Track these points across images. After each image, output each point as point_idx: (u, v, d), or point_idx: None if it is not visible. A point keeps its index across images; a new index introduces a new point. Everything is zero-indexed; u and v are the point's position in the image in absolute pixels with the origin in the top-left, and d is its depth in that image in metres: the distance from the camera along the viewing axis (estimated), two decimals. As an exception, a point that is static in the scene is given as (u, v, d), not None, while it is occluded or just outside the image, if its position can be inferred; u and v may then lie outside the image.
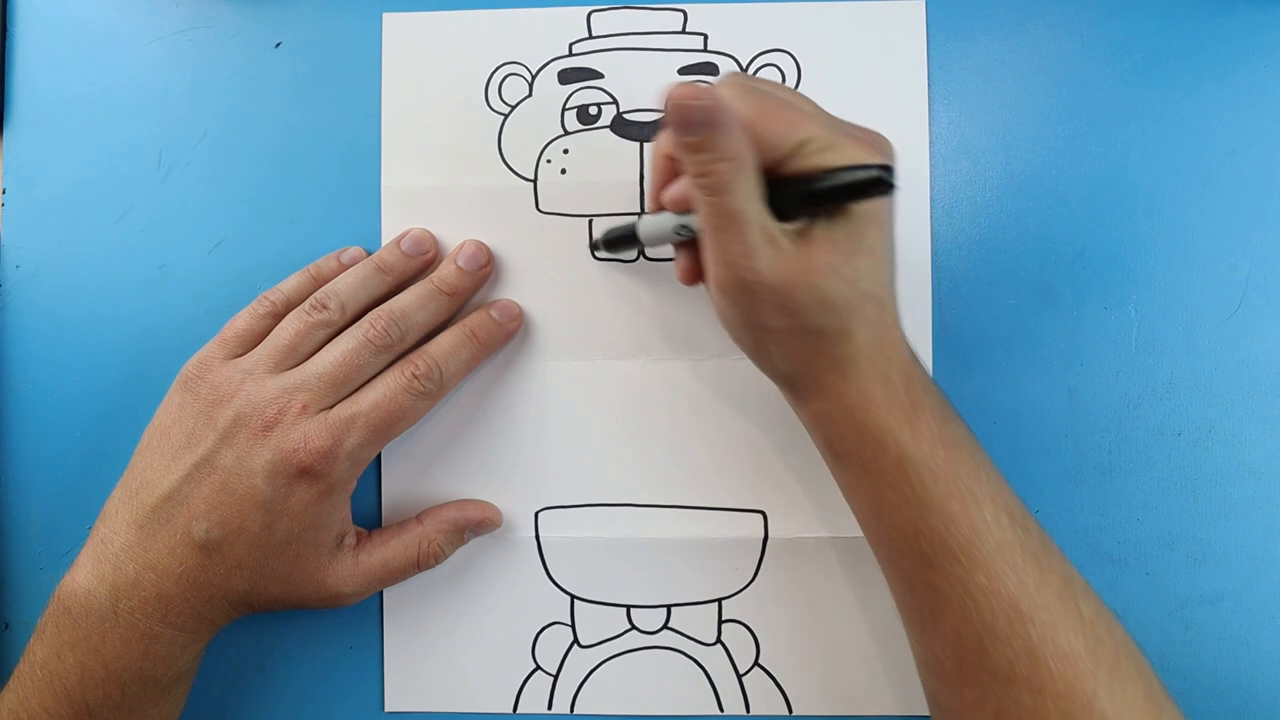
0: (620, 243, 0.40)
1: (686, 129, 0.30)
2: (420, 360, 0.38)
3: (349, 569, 0.38)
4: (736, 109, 0.31)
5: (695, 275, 0.37)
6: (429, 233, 0.41)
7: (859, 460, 0.34)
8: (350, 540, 0.39)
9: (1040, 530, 0.34)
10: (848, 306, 0.32)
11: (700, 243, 0.33)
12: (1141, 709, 0.31)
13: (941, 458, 0.33)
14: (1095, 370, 0.41)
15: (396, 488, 0.42)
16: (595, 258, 0.42)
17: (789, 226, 0.32)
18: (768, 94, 0.32)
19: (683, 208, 0.35)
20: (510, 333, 0.41)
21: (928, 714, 0.40)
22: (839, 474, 0.36)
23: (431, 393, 0.38)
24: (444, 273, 0.40)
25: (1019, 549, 0.32)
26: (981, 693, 0.32)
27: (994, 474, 0.34)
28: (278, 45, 0.43)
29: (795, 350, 0.33)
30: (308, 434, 0.36)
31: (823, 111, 0.33)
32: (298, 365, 0.37)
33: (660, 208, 0.36)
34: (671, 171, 0.36)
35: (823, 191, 0.30)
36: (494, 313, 0.41)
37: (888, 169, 0.29)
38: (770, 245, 0.31)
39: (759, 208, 0.31)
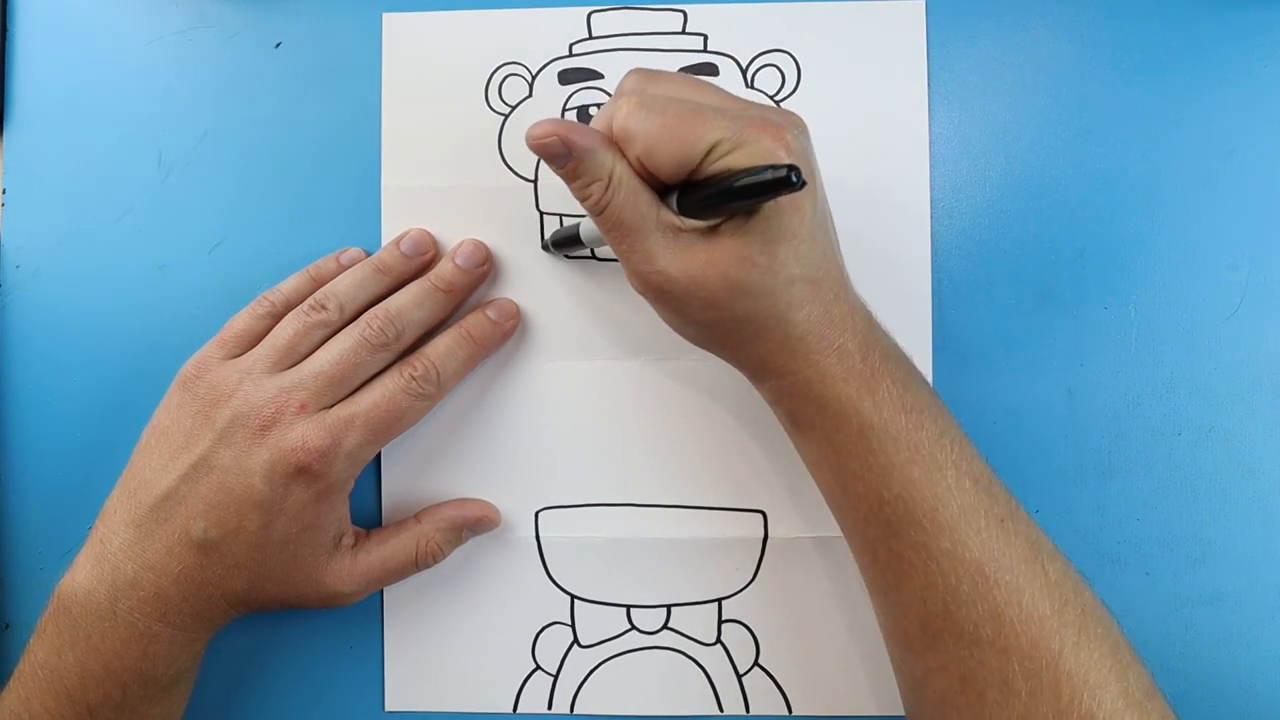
0: (566, 243, 0.40)
1: (551, 163, 0.33)
2: (418, 362, 0.38)
3: (347, 568, 0.38)
4: (635, 132, 0.31)
5: None
6: (428, 233, 0.41)
7: (821, 433, 0.34)
8: (348, 540, 0.39)
9: (1007, 494, 0.34)
10: (770, 291, 0.32)
11: None
12: (1108, 666, 0.31)
13: (903, 424, 0.33)
14: (1095, 370, 0.41)
15: (396, 487, 0.42)
16: (547, 251, 0.42)
17: (702, 224, 0.32)
18: (669, 104, 0.32)
19: None
20: (507, 332, 0.41)
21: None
22: (803, 449, 0.36)
23: (429, 394, 0.38)
24: (441, 271, 0.40)
25: (983, 513, 0.33)
26: (946, 657, 0.32)
27: (959, 438, 0.34)
28: (278, 45, 0.43)
29: (736, 339, 0.34)
30: (306, 434, 0.36)
31: (730, 100, 0.33)
32: (296, 365, 0.37)
33: None
34: None
35: (732, 193, 0.30)
36: (490, 312, 0.41)
37: (793, 169, 0.28)
38: (672, 245, 0.32)
39: (649, 213, 0.32)
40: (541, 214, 0.42)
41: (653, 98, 0.32)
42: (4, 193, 0.43)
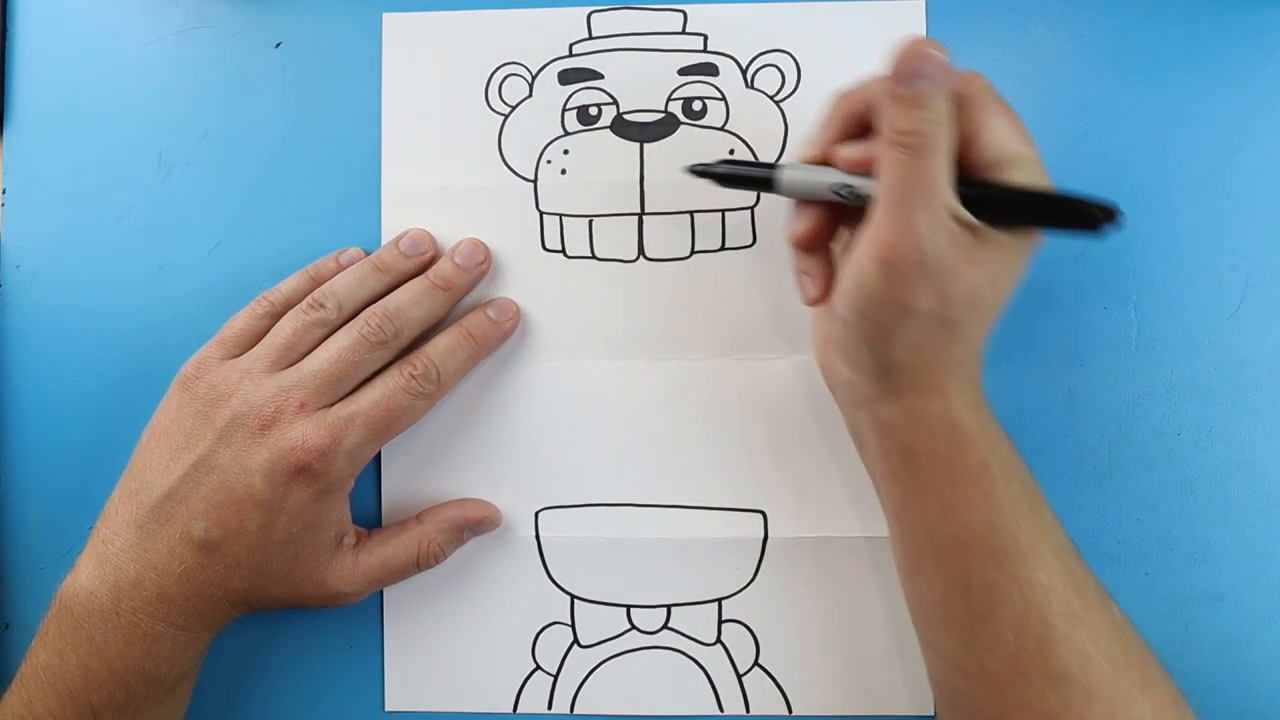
0: (744, 182, 0.37)
1: (910, 78, 0.31)
2: (418, 360, 0.38)
3: (348, 568, 0.38)
4: (989, 102, 0.32)
5: (815, 241, 0.36)
6: (428, 233, 0.41)
7: (940, 459, 0.34)
8: (350, 540, 0.39)
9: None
10: (985, 311, 0.33)
11: (868, 207, 0.33)
12: (1169, 706, 0.32)
13: (1013, 462, 0.34)
14: (1095, 370, 0.41)
15: (396, 487, 0.42)
16: (692, 172, 0.38)
17: (976, 223, 0.32)
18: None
19: (857, 168, 0.34)
20: (507, 332, 0.41)
21: (929, 714, 0.40)
22: (907, 474, 0.35)
23: (429, 393, 0.38)
24: (440, 268, 0.40)
25: (1071, 552, 0.33)
26: (1030, 693, 0.32)
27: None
28: (278, 45, 0.43)
29: (924, 340, 0.33)
30: (306, 433, 0.36)
31: None
32: (295, 364, 0.37)
33: (822, 161, 0.35)
34: (851, 130, 0.35)
35: (1043, 206, 0.31)
36: (490, 312, 0.41)
37: (1114, 217, 0.31)
38: (949, 225, 0.31)
39: (949, 184, 0.31)
40: (541, 214, 0.42)
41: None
42: (4, 193, 0.43)
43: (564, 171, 0.42)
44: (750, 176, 0.36)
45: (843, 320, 0.35)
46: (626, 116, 0.42)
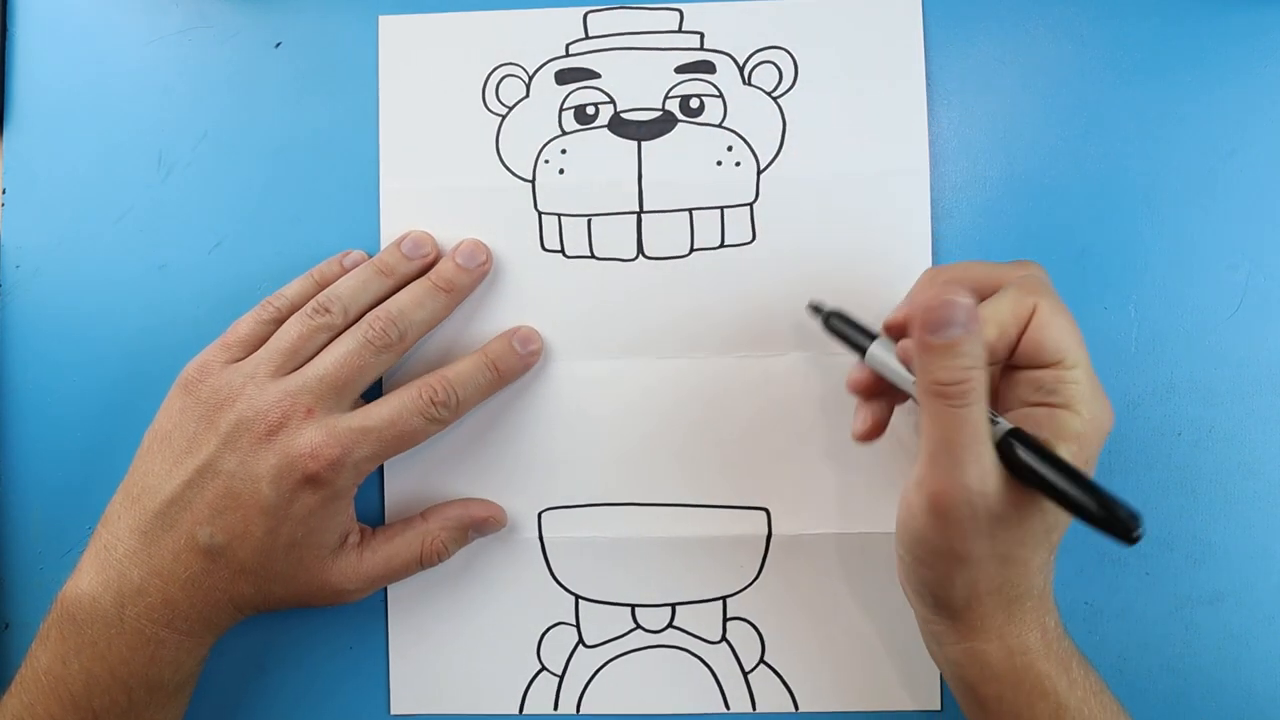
0: (842, 337, 0.37)
1: (940, 327, 0.30)
2: (439, 385, 0.38)
3: (353, 567, 0.38)
4: (1047, 298, 0.32)
5: (866, 393, 0.36)
6: (429, 235, 0.41)
7: (1010, 708, 0.33)
8: (354, 538, 0.39)
9: None
10: (1035, 546, 0.32)
11: (921, 448, 0.32)
12: None
13: (1094, 705, 0.33)
14: (1095, 370, 0.41)
15: (399, 488, 0.42)
16: (813, 312, 0.38)
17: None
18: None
19: (889, 331, 0.35)
20: (529, 364, 0.41)
21: (935, 709, 0.40)
22: (980, 718, 0.35)
23: (444, 419, 0.38)
24: (442, 270, 0.40)
25: None
26: None
27: (1124, 712, 0.34)
28: (278, 45, 0.43)
29: (979, 581, 0.33)
30: (316, 442, 0.36)
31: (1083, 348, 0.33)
32: (299, 369, 0.37)
33: (904, 355, 0.34)
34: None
35: (1071, 494, 0.29)
36: (515, 343, 0.41)
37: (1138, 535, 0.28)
38: (998, 471, 0.31)
39: (986, 424, 0.30)
40: (540, 214, 0.42)
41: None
42: (4, 193, 0.43)
43: (562, 171, 0.42)
44: (847, 337, 0.37)
45: (900, 556, 0.35)
46: (624, 115, 0.42)
